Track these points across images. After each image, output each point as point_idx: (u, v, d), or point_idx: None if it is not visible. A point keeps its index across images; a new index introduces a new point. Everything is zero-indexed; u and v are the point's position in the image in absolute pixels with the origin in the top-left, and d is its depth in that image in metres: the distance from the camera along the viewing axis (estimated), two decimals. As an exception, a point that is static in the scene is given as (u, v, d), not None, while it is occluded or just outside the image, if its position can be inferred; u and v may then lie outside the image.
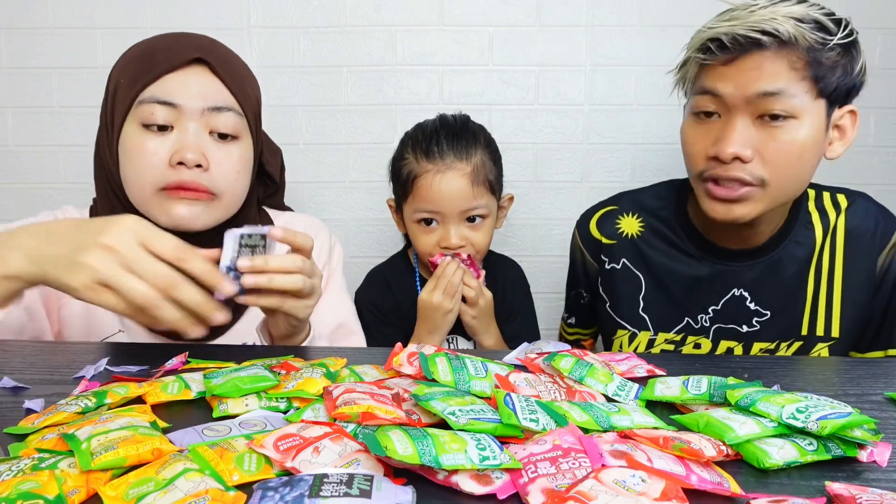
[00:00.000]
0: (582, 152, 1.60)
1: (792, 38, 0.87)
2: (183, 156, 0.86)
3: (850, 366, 0.75)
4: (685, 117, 1.01)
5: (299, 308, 0.76)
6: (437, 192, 1.16)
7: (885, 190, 1.58)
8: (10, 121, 1.57)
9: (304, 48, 1.56)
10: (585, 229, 1.17)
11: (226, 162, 0.90)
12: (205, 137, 0.89)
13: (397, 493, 0.40)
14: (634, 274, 1.12)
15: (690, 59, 0.97)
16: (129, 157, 0.88)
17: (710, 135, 0.94)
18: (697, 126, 0.97)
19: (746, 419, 0.52)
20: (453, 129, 1.20)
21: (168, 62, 0.87)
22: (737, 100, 0.90)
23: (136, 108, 0.87)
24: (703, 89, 0.94)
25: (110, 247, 0.62)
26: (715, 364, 0.75)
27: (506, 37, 1.56)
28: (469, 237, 1.19)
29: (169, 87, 0.87)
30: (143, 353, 0.75)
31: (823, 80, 0.89)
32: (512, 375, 0.62)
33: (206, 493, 0.40)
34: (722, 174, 0.93)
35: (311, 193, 1.62)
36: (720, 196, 0.94)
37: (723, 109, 0.93)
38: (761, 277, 1.05)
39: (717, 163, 0.93)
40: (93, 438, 0.47)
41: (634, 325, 1.12)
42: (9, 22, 1.54)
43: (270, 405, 0.58)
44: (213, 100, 0.89)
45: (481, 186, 1.18)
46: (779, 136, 0.90)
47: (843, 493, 0.43)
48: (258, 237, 0.73)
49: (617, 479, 0.42)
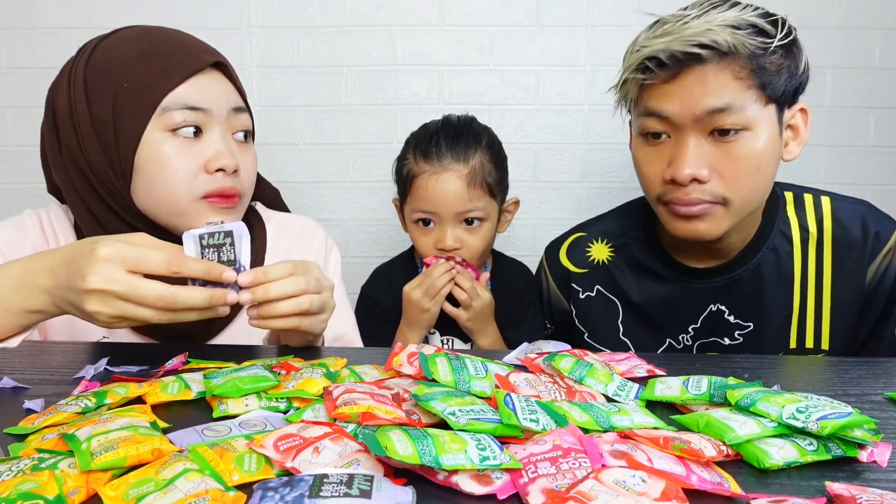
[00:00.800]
0: (582, 152, 1.60)
1: (731, 48, 0.84)
2: (222, 162, 0.85)
3: (850, 366, 0.75)
4: (632, 138, 0.98)
5: (314, 325, 0.76)
6: (432, 192, 1.16)
7: (885, 190, 1.58)
8: (10, 121, 1.58)
9: (304, 48, 1.56)
10: (554, 259, 1.14)
11: (249, 163, 0.91)
12: (230, 141, 0.89)
13: (397, 494, 0.40)
14: (610, 300, 1.09)
15: (629, 80, 0.92)
16: (157, 166, 0.84)
17: (662, 156, 0.91)
18: (648, 148, 0.93)
19: (746, 419, 0.52)
20: (454, 130, 1.20)
21: (188, 66, 0.85)
22: (685, 119, 0.87)
23: (160, 114, 0.84)
24: (647, 111, 0.90)
25: (101, 290, 0.64)
26: (715, 364, 0.75)
27: (506, 37, 1.56)
28: (465, 239, 1.18)
29: (193, 92, 0.85)
30: (143, 353, 0.75)
31: (771, 86, 0.86)
32: (512, 375, 0.62)
33: (206, 494, 0.40)
34: (681, 197, 0.89)
35: (311, 193, 1.62)
36: (682, 213, 0.91)
37: (671, 129, 0.89)
38: (737, 290, 1.01)
39: (675, 185, 0.89)
40: (93, 438, 0.47)
41: (617, 349, 1.08)
42: (9, 22, 1.54)
43: (270, 405, 0.57)
44: (233, 102, 0.89)
45: (478, 189, 1.17)
46: (734, 151, 0.87)
47: (843, 494, 0.43)
48: (221, 235, 0.70)
49: (617, 480, 0.42)
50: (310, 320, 0.74)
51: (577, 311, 1.12)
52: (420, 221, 1.20)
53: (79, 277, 0.64)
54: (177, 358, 0.70)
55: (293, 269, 0.72)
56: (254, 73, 1.56)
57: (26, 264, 0.70)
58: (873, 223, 0.99)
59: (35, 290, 0.69)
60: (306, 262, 0.76)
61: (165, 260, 0.65)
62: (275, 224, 1.04)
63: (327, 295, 0.76)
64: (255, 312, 0.72)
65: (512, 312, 1.26)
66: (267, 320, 0.72)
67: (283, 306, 0.71)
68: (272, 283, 0.70)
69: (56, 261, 0.69)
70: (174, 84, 0.84)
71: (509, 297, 1.27)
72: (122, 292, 0.63)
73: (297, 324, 0.73)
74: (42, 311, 0.70)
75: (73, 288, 0.65)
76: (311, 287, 0.73)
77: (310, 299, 0.72)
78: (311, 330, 0.76)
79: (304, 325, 0.74)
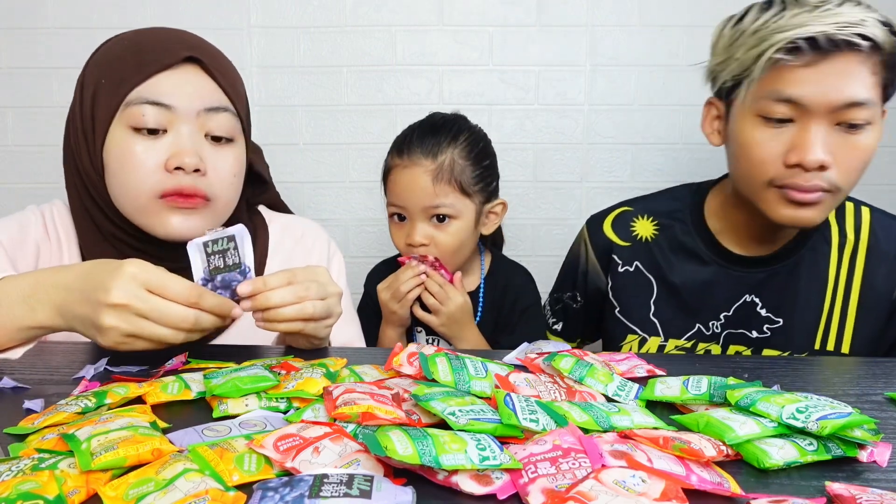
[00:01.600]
0: (582, 152, 1.60)
1: (881, 43, 0.85)
2: (181, 160, 0.80)
3: (850, 366, 0.75)
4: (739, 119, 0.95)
5: (318, 329, 0.76)
6: (401, 187, 1.17)
7: (885, 190, 1.58)
8: (10, 121, 1.58)
9: (304, 48, 1.56)
10: (597, 229, 1.14)
11: (222, 166, 0.86)
12: (200, 140, 0.84)
13: (397, 494, 0.40)
14: (647, 278, 1.10)
15: (760, 59, 0.88)
16: (119, 163, 0.82)
17: (782, 140, 0.90)
18: (767, 130, 0.91)
19: (746, 419, 0.52)
20: (431, 126, 1.20)
21: (158, 61, 0.82)
22: (820, 106, 0.86)
23: (123, 110, 0.81)
24: (779, 96, 0.88)
25: (121, 304, 0.63)
26: (715, 364, 0.75)
27: (506, 37, 1.56)
28: (434, 236, 1.17)
29: (160, 88, 0.81)
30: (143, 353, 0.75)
31: (892, 86, 0.89)
32: (512, 375, 0.62)
33: (206, 494, 0.40)
34: (801, 182, 0.89)
35: (311, 193, 1.62)
36: (798, 199, 0.90)
37: (799, 114, 0.88)
38: (773, 284, 1.03)
39: (797, 170, 0.89)
40: (93, 439, 0.47)
41: (645, 330, 1.10)
42: (9, 22, 1.54)
43: (270, 405, 0.57)
44: (208, 100, 0.84)
45: (446, 185, 1.15)
46: (857, 143, 0.89)
47: (843, 494, 0.43)
48: (224, 240, 0.72)
49: (617, 480, 0.42)
50: (314, 325, 0.75)
51: (614, 283, 1.13)
52: (395, 216, 1.21)
53: (101, 290, 0.64)
54: (177, 358, 0.70)
55: (292, 277, 0.73)
56: (254, 73, 1.56)
57: (38, 277, 0.70)
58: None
59: (44, 303, 0.68)
60: (313, 268, 0.76)
61: (186, 289, 0.66)
62: (278, 225, 1.03)
63: (333, 301, 0.76)
64: (258, 316, 0.73)
65: (505, 316, 1.24)
66: (271, 323, 0.73)
67: (285, 312, 0.72)
68: (271, 292, 0.71)
69: (70, 276, 0.68)
70: (141, 79, 0.81)
71: (503, 300, 1.25)
72: (144, 310, 0.64)
73: (301, 328, 0.74)
74: (46, 327, 0.70)
75: (90, 301, 0.65)
76: (311, 294, 0.73)
77: (312, 305, 0.73)
78: (315, 334, 0.76)
79: (308, 330, 0.75)
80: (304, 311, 0.72)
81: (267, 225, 1.02)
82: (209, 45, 0.90)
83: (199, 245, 0.71)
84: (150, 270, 0.65)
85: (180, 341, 0.66)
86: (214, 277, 0.72)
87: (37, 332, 0.71)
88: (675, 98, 1.57)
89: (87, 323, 0.66)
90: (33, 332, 0.71)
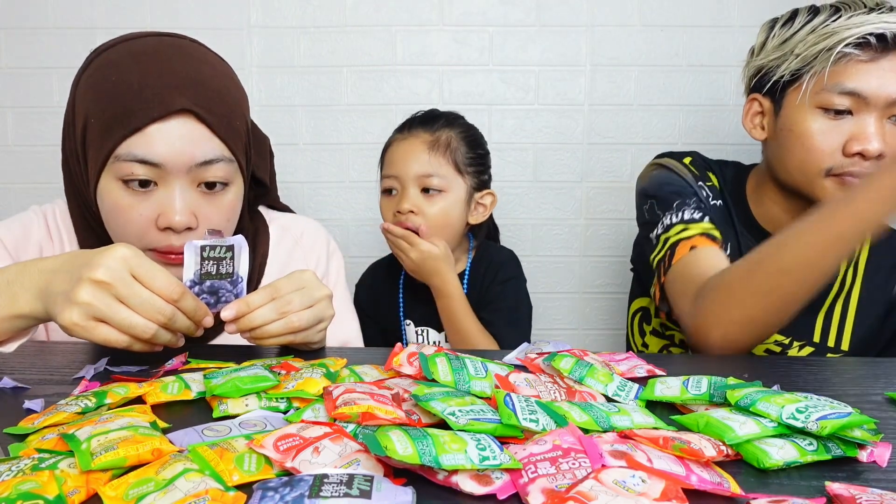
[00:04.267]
0: (582, 152, 1.60)
1: None
2: (170, 220, 0.78)
3: (850, 366, 0.75)
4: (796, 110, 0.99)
5: (309, 336, 0.76)
6: (396, 155, 1.22)
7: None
8: (10, 121, 1.58)
9: (304, 48, 1.56)
10: (677, 159, 1.11)
11: (216, 216, 0.83)
12: (192, 194, 0.80)
13: (397, 494, 0.40)
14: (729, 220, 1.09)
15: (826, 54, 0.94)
16: (110, 214, 0.81)
17: (841, 131, 0.95)
18: (827, 121, 0.96)
19: (746, 419, 0.52)
20: (432, 113, 1.27)
21: (147, 112, 0.77)
22: (879, 99, 0.92)
23: (112, 162, 0.78)
24: (843, 89, 0.94)
25: (103, 281, 0.62)
26: (715, 364, 0.75)
27: (506, 37, 1.56)
28: (423, 207, 1.20)
29: (149, 142, 0.77)
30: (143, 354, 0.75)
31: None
32: (512, 375, 0.62)
33: (206, 494, 0.40)
34: (857, 171, 0.94)
35: (311, 193, 1.62)
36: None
37: (858, 107, 0.94)
38: None
39: (856, 159, 0.94)
40: (93, 439, 0.47)
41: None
42: (9, 22, 1.54)
43: (270, 405, 0.57)
44: (201, 153, 0.79)
45: (440, 156, 1.21)
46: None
47: (843, 494, 0.43)
48: (223, 249, 0.72)
49: (617, 480, 0.42)
50: (304, 334, 0.75)
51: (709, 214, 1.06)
52: (387, 192, 1.24)
53: (87, 267, 0.63)
54: (177, 358, 0.70)
55: (275, 292, 0.73)
56: (254, 73, 1.56)
57: (26, 264, 0.70)
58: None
59: (26, 288, 0.67)
60: (298, 274, 0.76)
61: (171, 284, 0.65)
62: (277, 226, 1.02)
63: (322, 305, 0.76)
64: (246, 336, 0.73)
65: (486, 289, 1.27)
66: (260, 341, 0.73)
67: (271, 329, 0.72)
68: (254, 313, 0.71)
69: (59, 261, 0.67)
70: (129, 132, 0.77)
71: (485, 275, 1.28)
72: (124, 294, 0.63)
73: (291, 340, 0.74)
74: (26, 315, 0.68)
75: (73, 276, 0.63)
76: (295, 305, 0.73)
77: (298, 317, 0.73)
78: (307, 340, 0.76)
79: (298, 340, 0.75)
80: (290, 324, 0.72)
81: (268, 225, 1.01)
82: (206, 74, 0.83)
83: (197, 248, 0.71)
84: (141, 257, 0.65)
85: (145, 338, 0.64)
86: (203, 282, 0.72)
87: (20, 321, 0.68)
88: (674, 98, 1.57)
89: (61, 297, 0.64)
90: (17, 321, 0.68)
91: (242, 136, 0.87)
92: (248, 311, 0.71)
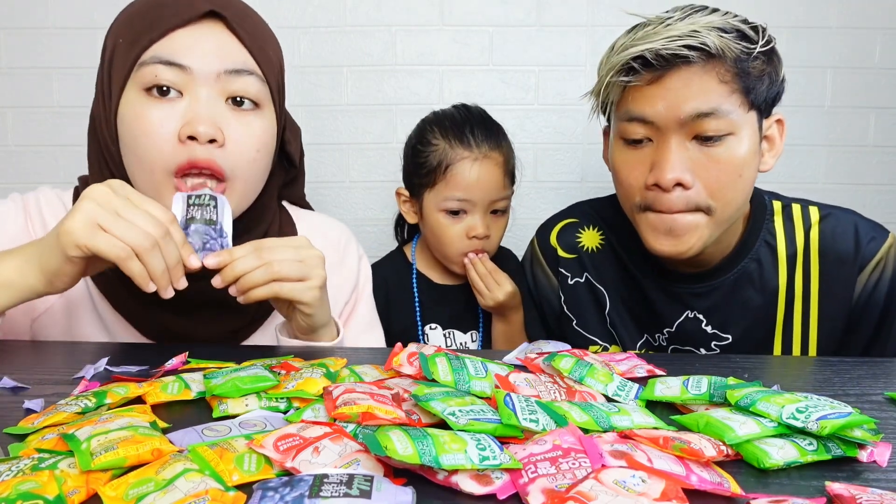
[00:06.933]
0: (582, 152, 1.60)
1: (719, 51, 0.82)
2: (194, 128, 0.72)
3: (850, 366, 0.75)
4: (611, 143, 0.95)
5: (299, 291, 0.73)
6: (474, 180, 1.15)
7: (885, 190, 1.58)
8: (10, 121, 1.58)
9: (304, 48, 1.56)
10: (545, 240, 1.13)
11: (245, 137, 0.77)
12: (220, 106, 0.75)
13: (397, 494, 0.40)
14: (598, 289, 1.08)
15: (611, 83, 0.89)
16: (130, 130, 0.75)
17: (643, 161, 0.88)
18: (629, 153, 0.90)
19: (746, 419, 0.52)
20: (481, 118, 1.22)
21: (175, 16, 0.74)
22: (669, 122, 0.84)
23: (137, 70, 0.74)
24: (629, 115, 0.88)
25: (99, 199, 0.63)
26: (715, 364, 0.75)
27: (506, 37, 1.56)
28: (491, 228, 1.20)
29: (176, 46, 0.73)
30: (143, 353, 0.75)
31: (753, 91, 0.85)
32: (512, 375, 0.62)
33: (206, 494, 0.40)
34: (663, 204, 0.87)
35: (311, 193, 1.60)
36: (665, 225, 0.88)
37: (654, 133, 0.87)
38: (716, 300, 0.98)
39: (657, 191, 0.87)
40: (92, 439, 0.46)
41: (606, 339, 1.08)
42: (9, 22, 1.54)
43: (270, 405, 0.57)
44: (230, 61, 0.75)
45: (508, 177, 1.20)
46: (718, 156, 0.85)
47: (843, 494, 0.43)
48: (206, 197, 0.73)
49: (617, 480, 0.42)
50: (290, 286, 0.73)
51: (566, 296, 1.10)
52: (449, 211, 1.19)
53: (81, 198, 0.64)
54: (177, 358, 0.70)
55: (259, 244, 0.72)
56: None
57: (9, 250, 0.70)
58: (863, 234, 0.96)
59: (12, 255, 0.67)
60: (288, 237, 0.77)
61: (161, 208, 0.66)
62: (305, 225, 0.97)
63: (310, 263, 0.74)
64: (232, 290, 0.72)
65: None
66: (245, 294, 0.72)
67: (255, 276, 0.71)
68: (237, 261, 0.71)
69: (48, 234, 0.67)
70: (156, 36, 0.73)
71: None
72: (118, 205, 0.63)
73: (277, 290, 0.72)
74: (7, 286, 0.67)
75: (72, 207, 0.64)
76: (278, 255, 0.72)
77: (280, 265, 0.71)
78: (298, 297, 0.73)
79: (284, 292, 0.73)
80: (272, 270, 0.71)
81: (294, 223, 0.96)
82: (239, 2, 0.81)
83: (184, 196, 0.73)
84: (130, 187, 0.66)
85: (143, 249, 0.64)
86: (188, 226, 0.72)
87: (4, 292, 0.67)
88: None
89: (53, 234, 0.65)
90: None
91: (276, 66, 0.82)
92: (230, 259, 0.71)
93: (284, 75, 0.86)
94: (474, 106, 1.26)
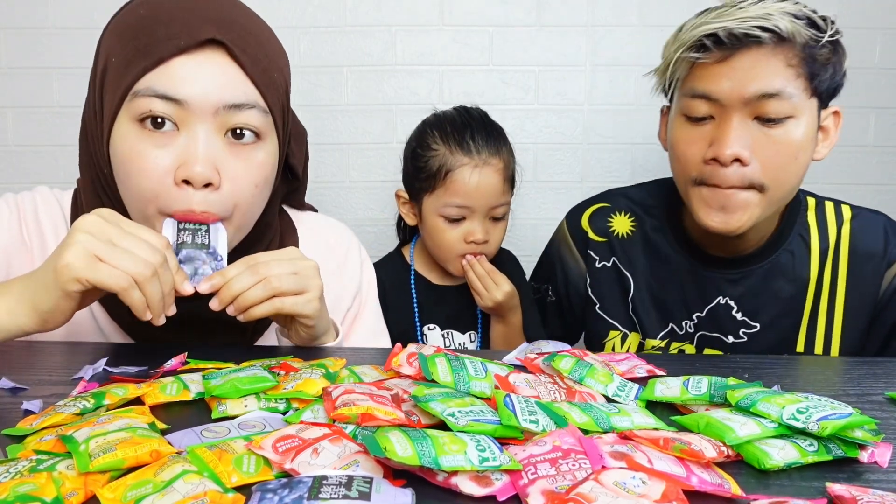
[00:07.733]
0: (582, 152, 1.60)
1: (790, 35, 0.85)
2: (190, 170, 0.68)
3: (850, 366, 0.74)
4: (672, 119, 0.98)
5: (301, 305, 0.72)
6: (473, 186, 1.15)
7: (885, 190, 1.58)
8: (10, 121, 1.57)
9: (304, 48, 1.56)
10: (576, 223, 1.15)
11: (243, 173, 0.73)
12: (217, 143, 0.71)
13: (397, 495, 0.40)
14: (624, 274, 1.10)
15: (679, 60, 0.92)
16: (123, 164, 0.71)
17: (704, 137, 0.91)
18: (690, 128, 0.93)
19: (747, 420, 0.51)
20: (482, 123, 1.22)
21: (172, 41, 0.68)
22: (733, 100, 0.88)
23: (130, 100, 0.69)
24: (694, 92, 0.91)
25: (92, 230, 0.62)
26: (715, 364, 0.75)
27: (506, 37, 1.56)
28: (491, 233, 1.20)
29: (173, 76, 0.68)
30: (142, 354, 0.75)
31: (817, 78, 0.87)
32: (512, 376, 0.62)
33: (205, 495, 0.40)
34: (719, 178, 0.90)
35: (311, 193, 1.60)
36: (718, 200, 0.91)
37: (716, 111, 0.90)
38: (749, 288, 1.01)
39: (715, 166, 0.90)
40: (91, 440, 0.46)
41: (626, 325, 1.10)
42: (9, 22, 1.54)
43: (269, 406, 0.57)
44: (230, 94, 0.70)
45: (507, 183, 1.20)
46: (777, 138, 0.88)
47: (843, 494, 0.43)
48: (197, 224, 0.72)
49: (617, 481, 0.42)
50: (292, 300, 0.71)
51: (591, 279, 1.13)
52: (446, 218, 1.19)
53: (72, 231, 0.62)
54: (176, 358, 0.70)
55: (251, 261, 0.71)
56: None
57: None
58: (891, 234, 1.00)
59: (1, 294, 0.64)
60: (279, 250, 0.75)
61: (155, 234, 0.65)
62: (305, 228, 0.95)
63: (306, 274, 0.72)
64: (230, 310, 0.71)
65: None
66: (245, 312, 0.71)
67: (252, 294, 0.69)
68: (232, 280, 0.69)
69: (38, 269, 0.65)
70: (151, 64, 0.68)
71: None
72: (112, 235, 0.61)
73: (278, 306, 0.71)
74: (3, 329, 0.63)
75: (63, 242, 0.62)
76: (273, 270, 0.70)
77: (278, 280, 0.70)
78: (296, 311, 0.72)
79: (287, 307, 0.71)
80: (271, 286, 0.70)
81: (295, 228, 0.94)
82: (243, 16, 0.75)
83: (174, 222, 0.71)
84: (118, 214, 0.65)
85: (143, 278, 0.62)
86: (179, 251, 0.72)
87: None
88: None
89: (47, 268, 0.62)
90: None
91: (281, 92, 0.78)
92: (224, 281, 0.69)
93: (290, 88, 0.83)
94: (475, 108, 1.25)
